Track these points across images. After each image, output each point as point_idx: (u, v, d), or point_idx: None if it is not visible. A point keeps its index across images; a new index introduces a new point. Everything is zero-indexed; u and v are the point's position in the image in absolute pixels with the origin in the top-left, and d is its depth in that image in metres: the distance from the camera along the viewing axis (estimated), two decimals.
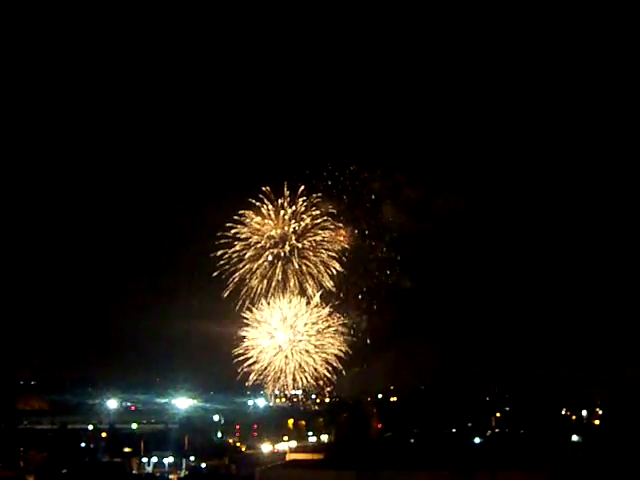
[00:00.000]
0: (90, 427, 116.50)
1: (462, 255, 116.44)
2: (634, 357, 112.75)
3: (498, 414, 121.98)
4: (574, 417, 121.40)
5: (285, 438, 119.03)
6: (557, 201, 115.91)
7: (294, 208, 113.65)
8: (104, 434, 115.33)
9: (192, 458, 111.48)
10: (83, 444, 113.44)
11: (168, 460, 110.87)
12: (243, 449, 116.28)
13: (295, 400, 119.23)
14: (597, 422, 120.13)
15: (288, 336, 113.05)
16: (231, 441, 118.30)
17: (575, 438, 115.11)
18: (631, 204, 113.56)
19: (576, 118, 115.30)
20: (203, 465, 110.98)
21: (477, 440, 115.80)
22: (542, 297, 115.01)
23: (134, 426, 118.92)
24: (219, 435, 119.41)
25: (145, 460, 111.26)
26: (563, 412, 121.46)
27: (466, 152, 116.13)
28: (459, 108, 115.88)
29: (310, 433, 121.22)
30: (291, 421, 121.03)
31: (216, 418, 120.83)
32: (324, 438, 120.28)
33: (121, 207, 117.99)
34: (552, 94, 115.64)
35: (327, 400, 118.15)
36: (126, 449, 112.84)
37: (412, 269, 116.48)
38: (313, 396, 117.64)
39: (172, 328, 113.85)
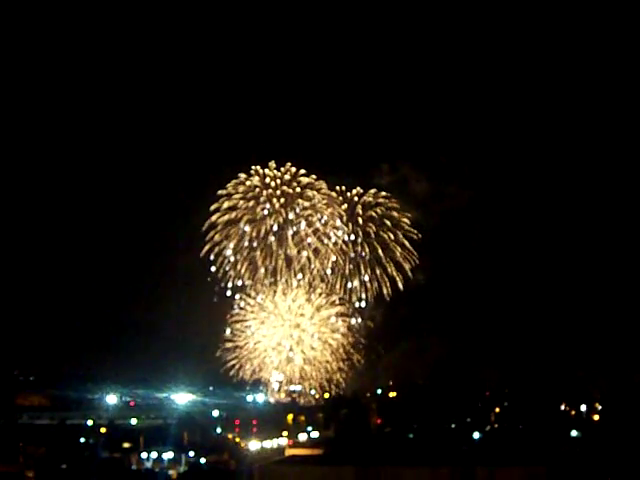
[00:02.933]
0: (89, 422, 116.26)
1: (463, 253, 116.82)
2: (633, 354, 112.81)
3: (497, 409, 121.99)
4: (573, 412, 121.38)
5: (285, 434, 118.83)
6: (559, 203, 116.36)
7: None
8: (103, 429, 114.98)
9: (191, 454, 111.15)
10: (82, 439, 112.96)
11: (167, 455, 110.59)
12: (242, 445, 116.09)
13: (294, 395, 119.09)
14: (596, 417, 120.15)
15: (298, 335, 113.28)
16: (230, 437, 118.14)
17: (574, 433, 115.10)
18: (632, 205, 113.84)
19: (580, 118, 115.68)
20: (202, 460, 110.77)
21: (476, 435, 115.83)
22: (543, 294, 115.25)
23: (133, 421, 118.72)
24: (218, 430, 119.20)
25: (144, 455, 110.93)
26: (562, 407, 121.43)
27: (475, 147, 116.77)
28: (466, 104, 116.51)
29: (310, 428, 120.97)
30: (290, 416, 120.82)
31: (215, 413, 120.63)
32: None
33: (120, 207, 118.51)
34: (558, 90, 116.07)
35: (326, 395, 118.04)
36: (125, 444, 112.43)
37: (419, 267, 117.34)
38: (312, 391, 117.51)
39: (171, 324, 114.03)
